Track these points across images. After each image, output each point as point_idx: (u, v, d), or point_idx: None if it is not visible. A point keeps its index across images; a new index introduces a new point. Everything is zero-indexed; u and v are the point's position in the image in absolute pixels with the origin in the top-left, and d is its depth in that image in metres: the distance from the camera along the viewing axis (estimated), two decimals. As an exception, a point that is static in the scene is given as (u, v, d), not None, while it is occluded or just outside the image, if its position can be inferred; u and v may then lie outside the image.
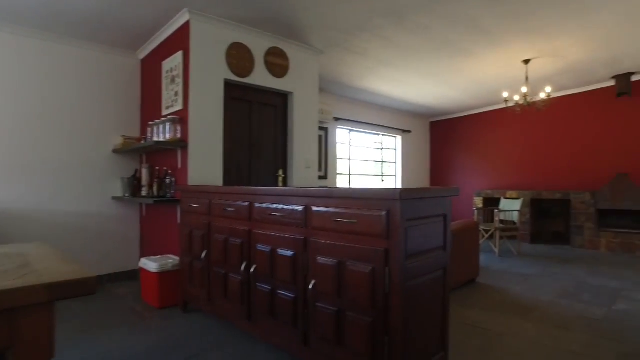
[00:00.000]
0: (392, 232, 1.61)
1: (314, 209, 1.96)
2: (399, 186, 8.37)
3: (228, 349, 2.49)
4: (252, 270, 2.34)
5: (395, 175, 8.43)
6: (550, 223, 7.09)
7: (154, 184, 3.89)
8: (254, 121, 4.29)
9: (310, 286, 1.93)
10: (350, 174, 7.52)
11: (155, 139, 3.86)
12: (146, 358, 2.39)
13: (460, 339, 2.67)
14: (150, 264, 3.33)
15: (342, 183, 7.40)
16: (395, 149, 8.45)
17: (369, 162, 8.03)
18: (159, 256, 3.64)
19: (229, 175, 4.04)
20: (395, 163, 8.44)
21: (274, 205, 2.23)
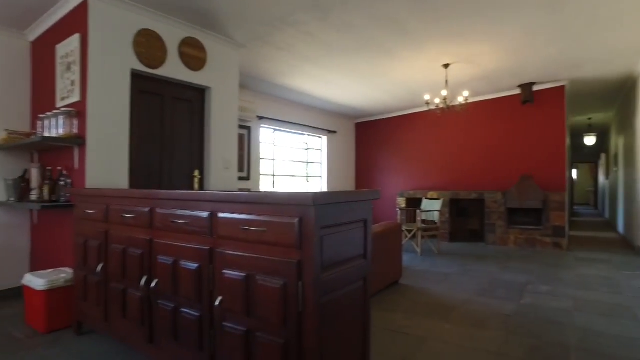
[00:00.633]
0: (306, 242, 1.44)
1: (221, 215, 1.73)
2: (324, 187, 8.33)
3: (125, 377, 2.17)
4: (153, 285, 2.05)
5: (320, 176, 8.37)
6: (467, 222, 7.46)
7: (45, 186, 3.37)
8: (167, 117, 3.92)
9: (217, 303, 1.70)
10: (274, 175, 7.31)
11: (46, 134, 3.34)
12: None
13: (383, 347, 2.59)
14: (36, 281, 2.84)
15: (266, 184, 7.16)
16: (320, 150, 8.40)
17: (295, 163, 7.88)
18: (50, 270, 3.14)
19: (137, 176, 3.63)
20: (320, 164, 8.38)
21: (177, 211, 1.96)
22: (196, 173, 4.14)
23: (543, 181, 6.45)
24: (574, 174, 16.28)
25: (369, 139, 8.97)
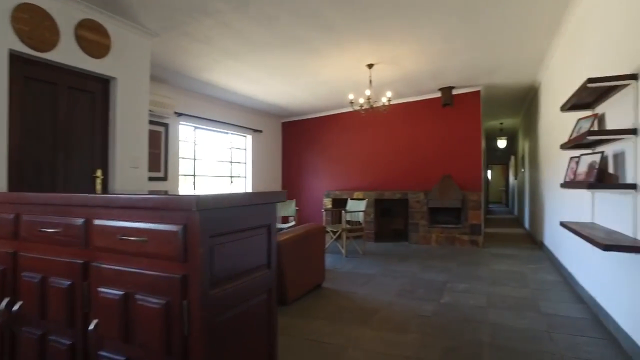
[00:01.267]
0: (191, 253, 1.21)
1: (97, 222, 1.44)
2: (249, 188, 8.05)
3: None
4: (16, 309, 1.68)
5: (245, 176, 8.07)
6: (392, 221, 7.60)
7: None
8: (61, 108, 3.44)
9: (91, 327, 1.41)
10: (195, 175, 6.89)
11: None
12: None
13: None
14: None
15: (186, 186, 6.72)
16: (245, 149, 8.09)
17: (218, 163, 7.50)
18: None
19: (22, 176, 3.13)
20: (245, 163, 8.08)
21: (47, 218, 1.62)
22: (98, 173, 3.70)
23: (462, 181, 6.75)
24: (489, 174, 17.54)
25: (296, 138, 8.84)
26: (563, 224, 3.10)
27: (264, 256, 1.57)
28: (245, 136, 8.10)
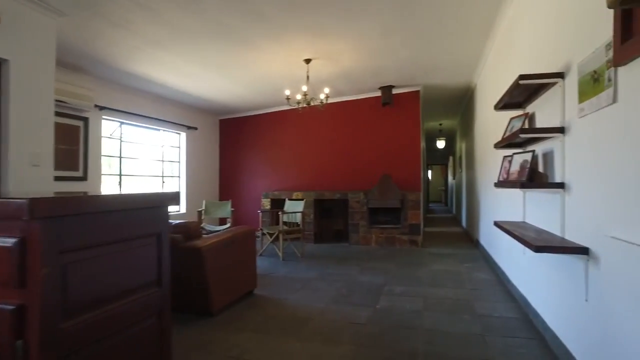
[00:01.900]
0: (31, 276, 0.90)
1: None
2: (183, 189, 7.55)
3: None
4: None
5: (179, 176, 7.56)
6: (332, 222, 7.45)
7: None
8: None
9: None
10: (121, 175, 6.31)
11: None
12: None
13: (215, 382, 2.13)
14: None
15: (110, 186, 6.13)
16: (179, 147, 7.58)
17: (148, 162, 6.94)
18: None
19: None
20: (179, 162, 7.57)
21: None
22: (-15, 171, 3.15)
23: (401, 181, 6.73)
24: (429, 174, 18.07)
25: (234, 136, 8.44)
26: (497, 224, 3.05)
27: (151, 272, 1.28)
28: (179, 133, 7.59)
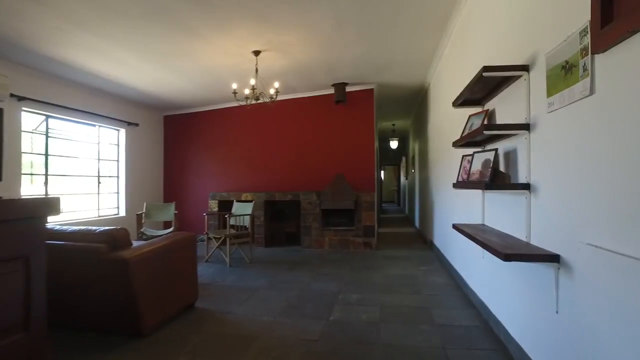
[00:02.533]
0: None
1: None
2: (122, 190, 6.92)
3: None
4: None
5: (117, 175, 6.92)
6: (284, 224, 7.13)
7: None
8: None
9: None
10: (47, 174, 5.62)
11: None
12: None
13: None
14: None
15: (34, 187, 5.43)
16: (117, 145, 6.94)
17: (81, 160, 6.27)
18: None
19: None
20: (117, 161, 6.93)
21: None
22: None
23: (355, 182, 6.53)
24: (382, 175, 18.18)
25: (181, 134, 7.88)
26: (456, 227, 2.88)
27: (12, 312, 0.90)
28: (117, 130, 6.94)
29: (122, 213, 6.86)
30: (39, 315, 0.97)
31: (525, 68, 2.16)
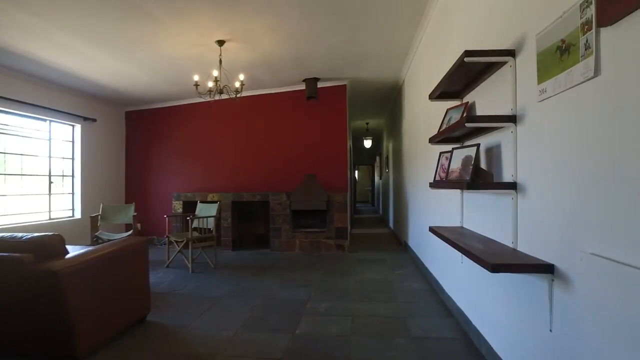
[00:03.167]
0: None
1: None
2: (77, 191, 6.40)
3: None
4: None
5: (72, 175, 6.40)
6: (252, 226, 6.78)
7: None
8: None
9: None
10: (-14, 174, 5.09)
11: None
12: None
13: None
14: None
15: (-30, 187, 4.91)
16: (72, 141, 6.42)
17: (30, 158, 5.73)
18: None
19: None
20: (72, 159, 6.41)
21: None
22: None
23: (327, 182, 6.27)
24: (356, 174, 18.02)
25: (144, 131, 7.39)
26: (433, 231, 2.64)
27: None
28: (72, 125, 6.42)
29: (78, 215, 6.35)
30: None
31: (511, 53, 1.93)
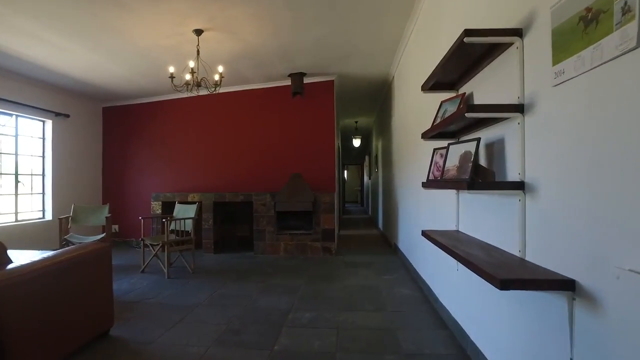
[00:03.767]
0: None
1: None
2: (49, 190, 6.02)
3: None
4: None
5: (43, 174, 6.02)
6: (236, 228, 6.48)
7: None
8: None
9: None
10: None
11: None
12: None
13: None
14: None
15: None
16: (43, 138, 6.04)
17: (-6, 155, 5.36)
18: None
19: None
20: (43, 157, 6.03)
21: None
22: None
23: (314, 181, 5.99)
24: (345, 174, 17.76)
25: (122, 128, 7.02)
26: (427, 235, 2.38)
27: None
28: (43, 121, 6.04)
29: (49, 217, 5.97)
30: None
31: (518, 32, 1.67)
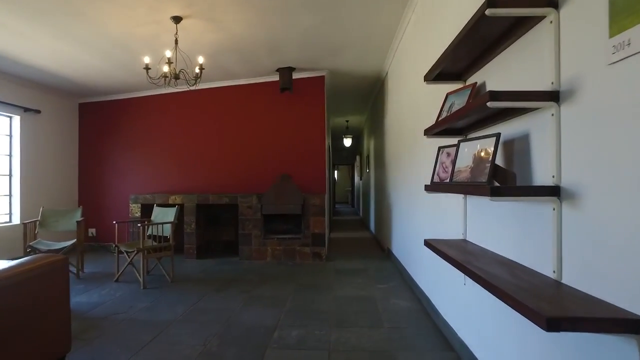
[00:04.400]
0: None
1: None
2: (17, 191, 5.59)
3: None
4: None
5: (10, 174, 5.58)
6: (220, 232, 6.11)
7: None
8: None
9: None
10: None
11: None
12: None
13: None
14: None
15: None
16: (10, 135, 5.60)
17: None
18: None
19: None
20: (10, 156, 5.59)
21: None
22: None
23: (303, 183, 5.65)
24: (336, 175, 17.45)
25: (100, 125, 6.60)
26: (431, 246, 2.06)
27: None
28: (10, 116, 5.60)
29: (16, 220, 5.54)
30: None
31: (553, 3, 1.36)
